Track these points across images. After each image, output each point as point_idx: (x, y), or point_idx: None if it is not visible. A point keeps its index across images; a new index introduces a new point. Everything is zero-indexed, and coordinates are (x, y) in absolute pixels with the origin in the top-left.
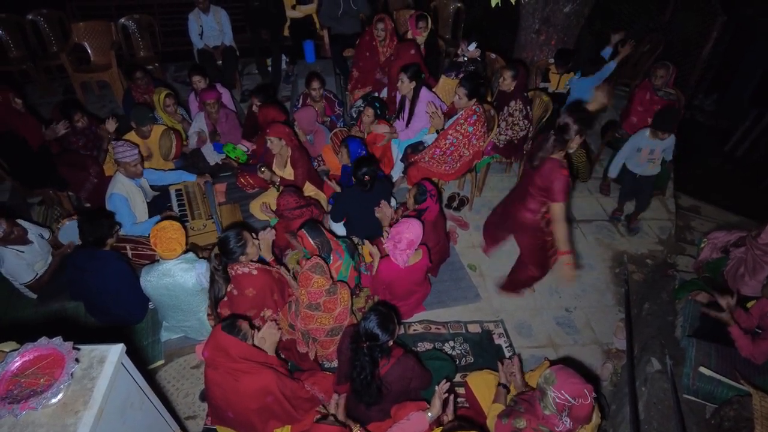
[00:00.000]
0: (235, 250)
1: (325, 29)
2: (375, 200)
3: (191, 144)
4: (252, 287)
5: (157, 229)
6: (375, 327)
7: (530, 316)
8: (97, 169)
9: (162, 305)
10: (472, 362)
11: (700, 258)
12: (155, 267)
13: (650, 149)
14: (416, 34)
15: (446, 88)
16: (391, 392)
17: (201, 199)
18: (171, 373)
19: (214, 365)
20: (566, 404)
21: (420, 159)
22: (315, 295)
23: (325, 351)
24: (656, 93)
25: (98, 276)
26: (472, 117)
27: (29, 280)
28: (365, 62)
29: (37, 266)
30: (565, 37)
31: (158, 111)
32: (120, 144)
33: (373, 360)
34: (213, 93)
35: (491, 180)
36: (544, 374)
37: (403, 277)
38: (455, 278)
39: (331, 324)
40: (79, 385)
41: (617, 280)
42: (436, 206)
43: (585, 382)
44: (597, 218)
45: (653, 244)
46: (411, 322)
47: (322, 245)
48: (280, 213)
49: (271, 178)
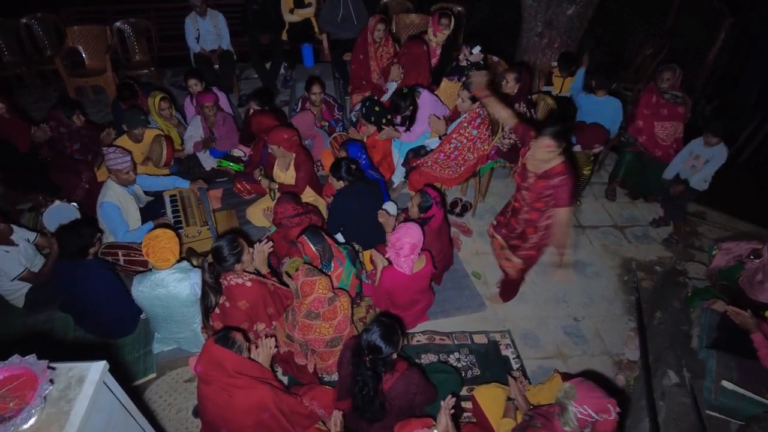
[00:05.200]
0: (229, 258)
1: (324, 33)
2: (369, 205)
3: (187, 148)
4: (245, 299)
5: (150, 238)
6: (378, 339)
7: (537, 325)
8: (89, 174)
9: (155, 316)
10: (478, 375)
11: (712, 266)
12: (148, 276)
13: (696, 155)
14: (438, 31)
15: (448, 92)
16: (395, 408)
17: (196, 205)
18: (163, 387)
19: (207, 380)
20: (589, 420)
21: (423, 163)
22: (317, 303)
23: (325, 363)
24: (663, 96)
25: (83, 286)
26: (476, 120)
27: (20, 273)
28: (358, 65)
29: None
30: (569, 40)
31: (153, 115)
32: (111, 150)
33: (376, 374)
34: (210, 96)
35: (494, 185)
36: (564, 388)
37: (407, 285)
38: (459, 286)
39: (330, 334)
40: (55, 408)
41: (626, 288)
42: (440, 212)
43: (607, 396)
44: (603, 224)
45: (661, 251)
46: (414, 332)
47: (324, 252)
48: (278, 222)
49: (269, 185)
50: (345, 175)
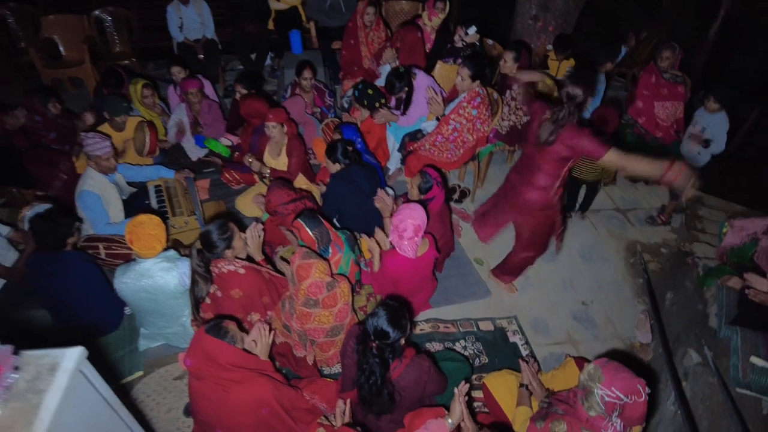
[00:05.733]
0: (219, 243)
1: (312, 22)
2: (366, 190)
3: (170, 137)
4: (239, 288)
5: (134, 224)
6: (385, 323)
7: (545, 311)
8: (67, 164)
9: (141, 310)
10: (487, 363)
11: (723, 244)
12: (132, 267)
13: (696, 121)
14: (433, 15)
15: (444, 75)
16: (405, 399)
17: (182, 195)
18: (151, 386)
19: (199, 375)
20: (618, 403)
21: (420, 147)
22: (315, 288)
23: (325, 354)
24: (662, 75)
25: (62, 280)
26: (476, 99)
27: None
28: (349, 51)
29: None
30: (564, 24)
31: (135, 103)
32: (90, 136)
33: (384, 362)
34: (195, 82)
35: (493, 171)
36: (588, 370)
37: (410, 270)
38: (462, 274)
39: (331, 323)
40: (21, 402)
41: (633, 272)
42: (442, 194)
43: (636, 377)
44: (605, 208)
45: (666, 233)
46: (418, 321)
47: (321, 236)
48: (272, 210)
49: (260, 169)
50: (341, 157)
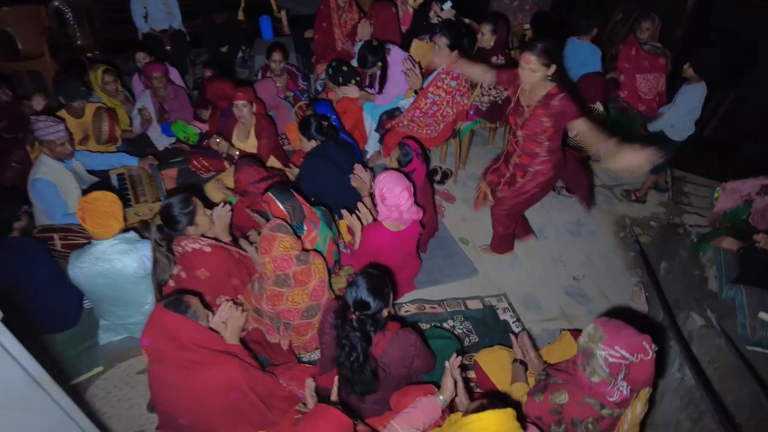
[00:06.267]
0: (181, 218)
1: (283, 10)
2: (343, 167)
3: (135, 126)
4: (204, 267)
5: (86, 200)
6: (365, 293)
7: (536, 288)
8: (20, 153)
9: (99, 299)
10: (477, 342)
11: (716, 209)
12: (87, 250)
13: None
14: None
15: (420, 52)
16: (390, 376)
17: (147, 183)
18: (112, 382)
19: (158, 357)
20: (622, 363)
21: (398, 124)
22: (282, 262)
23: (302, 339)
24: (642, 47)
25: (8, 271)
26: (455, 70)
27: None
28: (322, 34)
29: None
30: (540, 2)
31: (96, 90)
32: (42, 119)
33: (365, 335)
34: (159, 66)
35: (474, 152)
36: (587, 332)
37: (392, 244)
38: (447, 254)
39: (305, 302)
40: None
41: (623, 245)
42: (423, 167)
43: (640, 333)
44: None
45: (654, 207)
46: (402, 302)
47: (294, 211)
48: (242, 190)
49: (228, 150)
50: (316, 133)
